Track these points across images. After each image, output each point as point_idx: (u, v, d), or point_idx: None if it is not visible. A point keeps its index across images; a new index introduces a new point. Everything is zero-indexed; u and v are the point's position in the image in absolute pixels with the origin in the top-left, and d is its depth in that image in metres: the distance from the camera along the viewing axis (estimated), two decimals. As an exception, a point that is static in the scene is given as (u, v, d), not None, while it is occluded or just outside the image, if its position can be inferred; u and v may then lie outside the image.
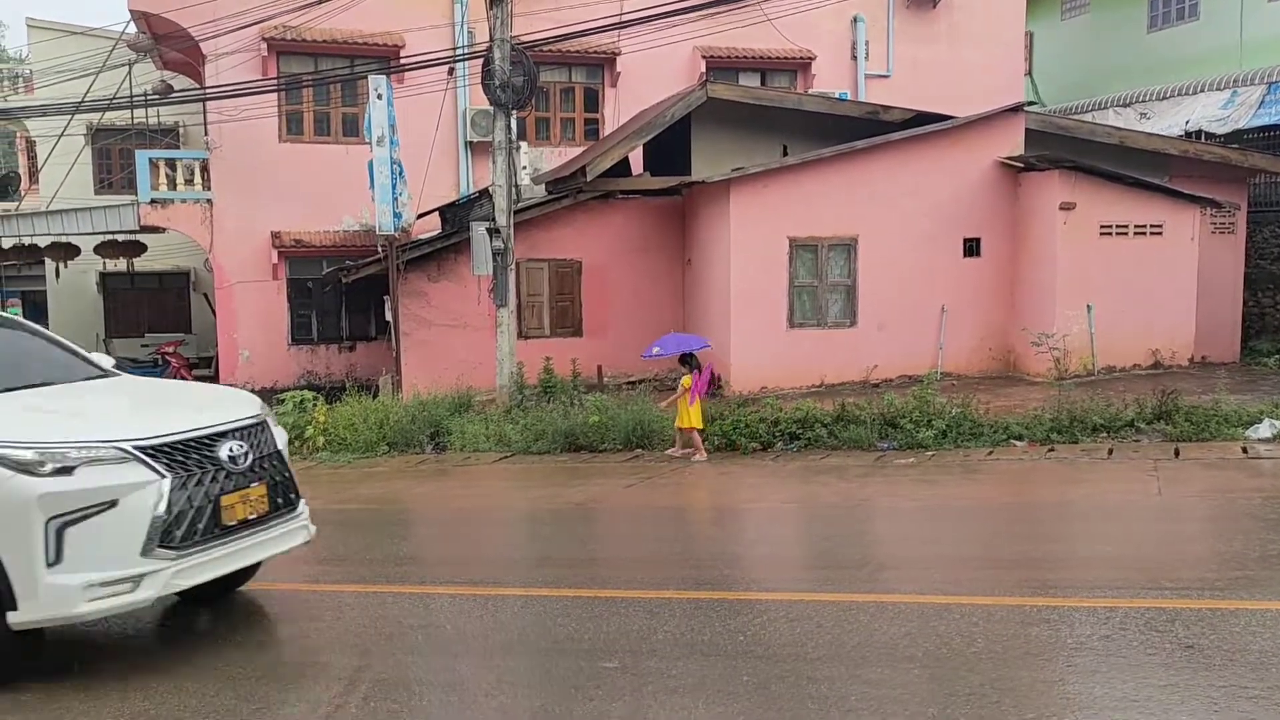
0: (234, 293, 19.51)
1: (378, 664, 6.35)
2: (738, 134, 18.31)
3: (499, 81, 15.38)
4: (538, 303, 18.05)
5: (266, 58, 19.14)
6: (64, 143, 21.22)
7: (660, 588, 7.52)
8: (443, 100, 19.11)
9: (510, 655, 6.36)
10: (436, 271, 17.57)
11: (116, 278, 25.61)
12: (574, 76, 21.29)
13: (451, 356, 17.05)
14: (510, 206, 15.85)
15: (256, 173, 19.26)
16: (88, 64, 19.87)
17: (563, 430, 14.17)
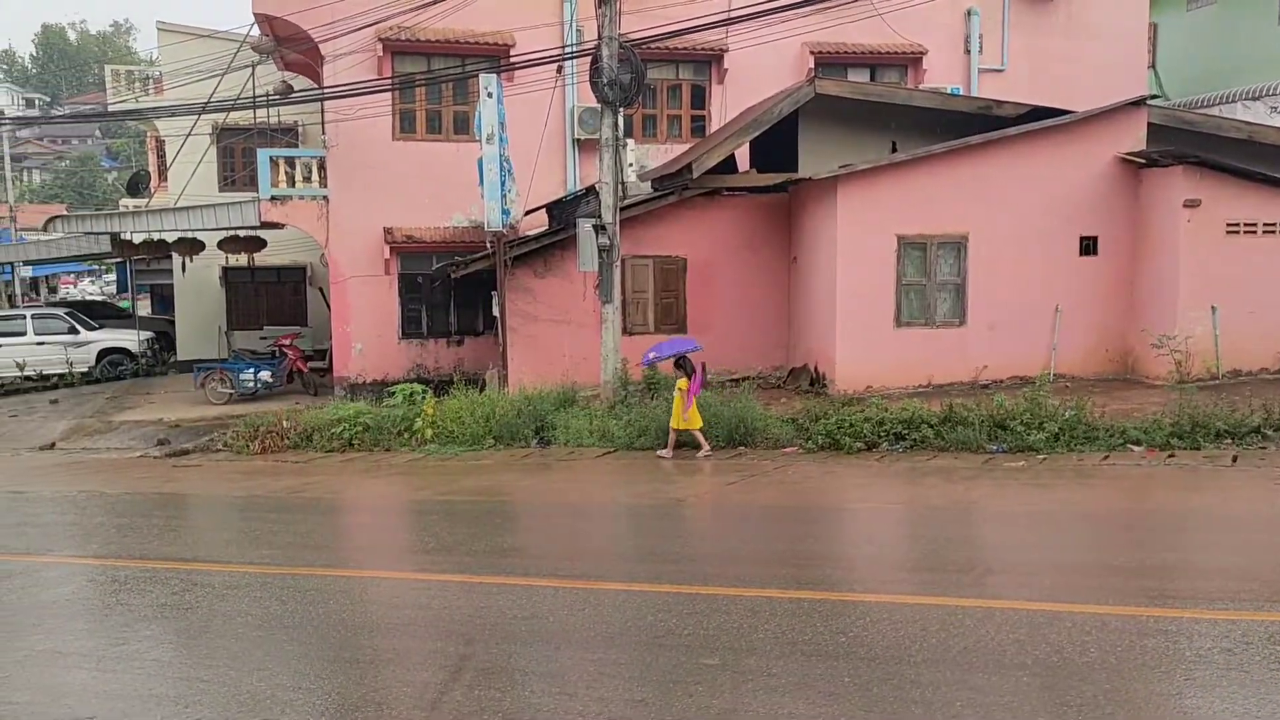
0: (348, 287, 20.02)
1: (482, 652, 6.46)
2: (845, 130, 18.09)
3: (607, 79, 15.47)
4: (642, 299, 18.11)
5: (382, 58, 19.58)
6: (191, 142, 22.05)
7: (762, 586, 7.49)
8: (551, 98, 19.30)
9: (611, 648, 6.41)
10: (543, 267, 17.76)
11: (238, 272, 26.51)
12: (681, 73, 21.29)
13: (557, 352, 17.22)
14: (616, 203, 15.93)
15: (370, 170, 19.72)
16: (214, 66, 20.60)
17: (666, 427, 14.20)
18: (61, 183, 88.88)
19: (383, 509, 12.56)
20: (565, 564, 8.61)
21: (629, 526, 10.67)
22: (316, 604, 7.81)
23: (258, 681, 6.17)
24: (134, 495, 13.25)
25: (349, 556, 10.03)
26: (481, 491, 12.41)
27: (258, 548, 9.85)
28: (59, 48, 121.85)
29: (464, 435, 15.21)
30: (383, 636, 7.07)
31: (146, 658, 6.94)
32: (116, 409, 20.71)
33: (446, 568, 8.61)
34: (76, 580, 9.05)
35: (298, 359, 21.75)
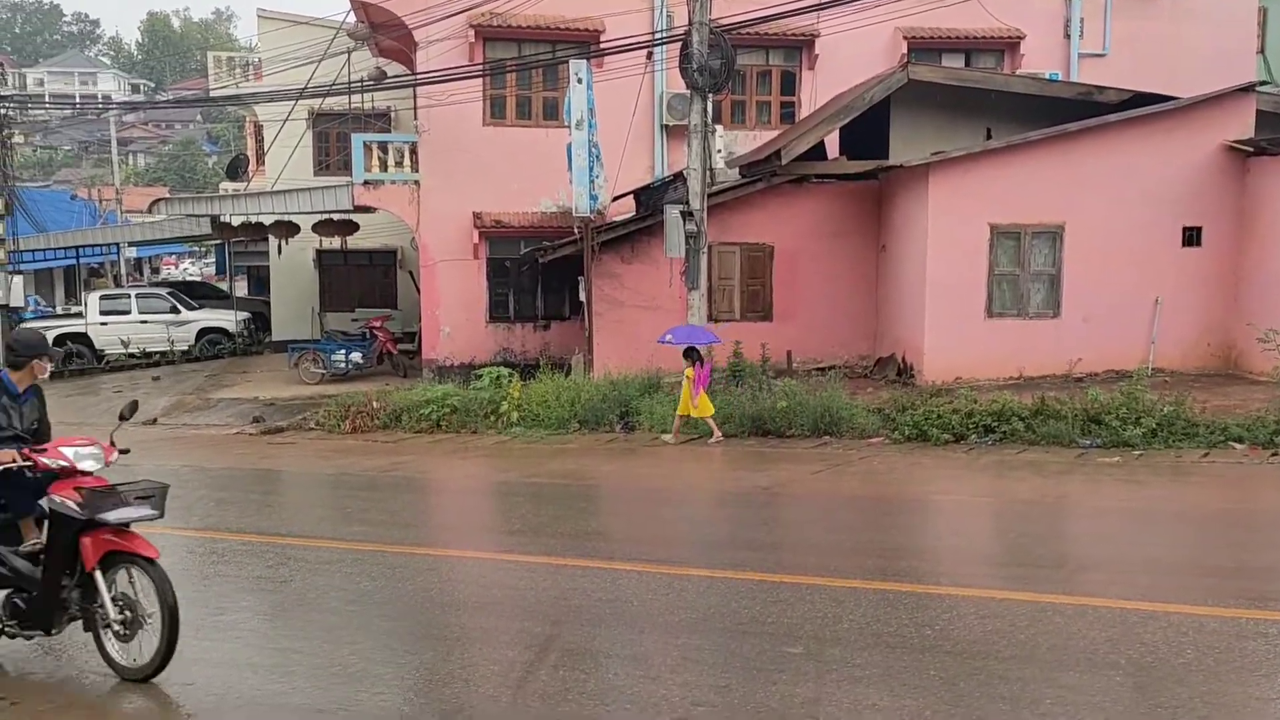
0: (437, 271, 20.31)
1: (567, 634, 6.54)
2: (939, 117, 17.78)
3: (696, 65, 15.43)
4: (728, 286, 18.06)
5: (474, 44, 19.78)
6: (288, 127, 22.56)
7: (847, 576, 7.45)
8: (640, 84, 19.31)
9: (694, 634, 6.44)
10: (630, 253, 17.82)
11: (331, 255, 27.06)
12: (771, 59, 21.13)
13: (642, 337, 17.26)
14: (704, 190, 15.90)
15: (461, 155, 19.96)
16: (311, 52, 21.02)
17: (750, 414, 14.18)
18: (165, 166, 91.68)
19: (469, 490, 12.75)
20: (649, 549, 8.65)
21: (712, 513, 10.68)
22: (406, 581, 7.97)
23: (349, 654, 6.33)
24: (231, 470, 13.65)
25: (437, 535, 10.22)
26: (566, 475, 12.53)
27: (349, 524, 10.09)
28: (163, 35, 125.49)
29: (549, 419, 15.36)
30: (470, 614, 7.20)
31: (244, 628, 7.17)
32: (215, 386, 21.32)
33: (532, 549, 8.72)
34: (178, 551, 9.35)
35: (387, 341, 22.14)
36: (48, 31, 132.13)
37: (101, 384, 22.90)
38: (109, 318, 25.63)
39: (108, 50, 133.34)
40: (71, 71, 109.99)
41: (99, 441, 6.49)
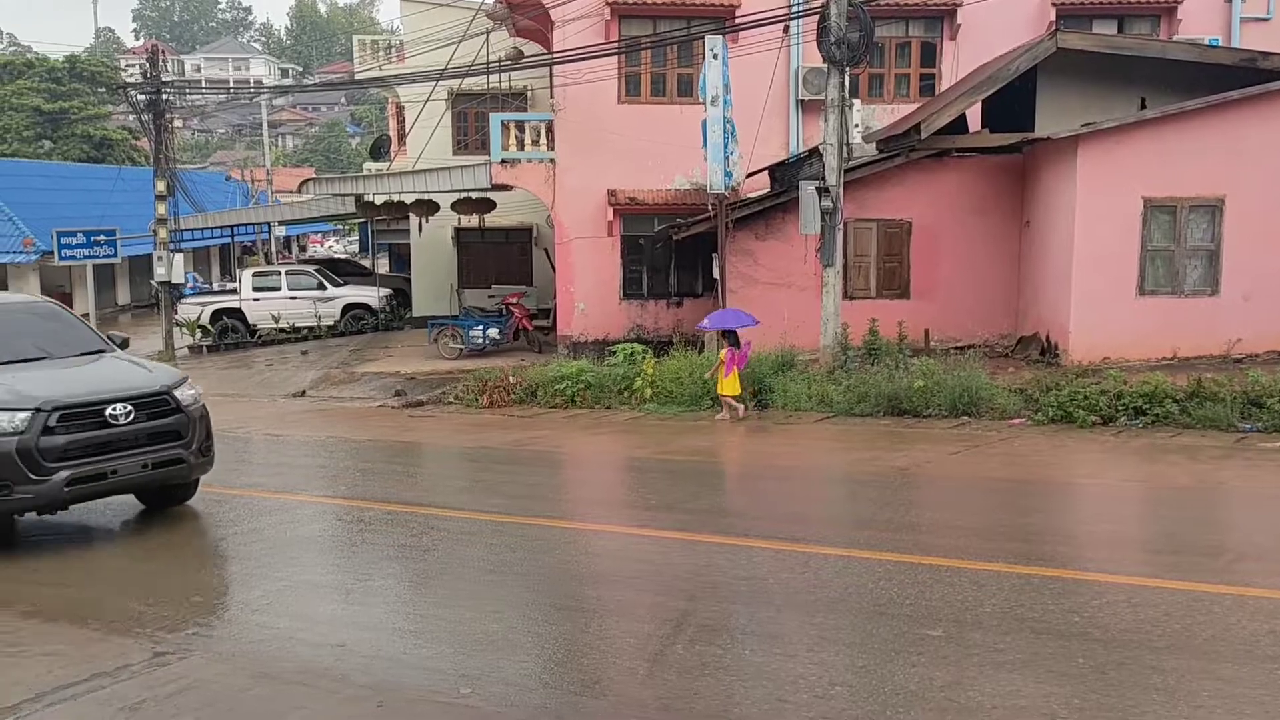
0: (572, 248, 20.54)
1: (703, 609, 6.57)
2: (1088, 87, 17.08)
3: (834, 38, 15.17)
4: (864, 263, 17.78)
5: (609, 22, 19.87)
6: (428, 107, 23.08)
7: (987, 559, 7.28)
8: (776, 59, 19.10)
9: (831, 613, 6.40)
10: (764, 230, 17.69)
11: (469, 232, 27.62)
12: (911, 30, 20.63)
13: (775, 315, 17.15)
14: (840, 165, 15.67)
15: (596, 133, 20.10)
16: (451, 34, 21.43)
17: (886, 393, 13.95)
18: (311, 148, 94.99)
19: (604, 465, 12.91)
20: (784, 527, 8.61)
21: (848, 492, 10.57)
22: (544, 553, 8.13)
23: (491, 623, 6.50)
24: (375, 442, 14.11)
25: (574, 509, 10.38)
26: (700, 451, 12.56)
27: (489, 496, 10.32)
28: (310, 20, 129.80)
29: (682, 395, 15.41)
30: (606, 587, 7.30)
31: (389, 594, 7.43)
32: (358, 361, 22.05)
33: (667, 525, 8.77)
34: (327, 519, 9.75)
35: (523, 317, 22.52)
36: (204, 19, 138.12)
37: (254, 358, 23.94)
38: (261, 294, 26.71)
39: (259, 36, 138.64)
40: (225, 58, 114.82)
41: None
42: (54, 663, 6.03)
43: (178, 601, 7.36)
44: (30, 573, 8.12)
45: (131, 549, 8.84)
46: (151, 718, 5.27)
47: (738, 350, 14.49)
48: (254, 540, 8.89)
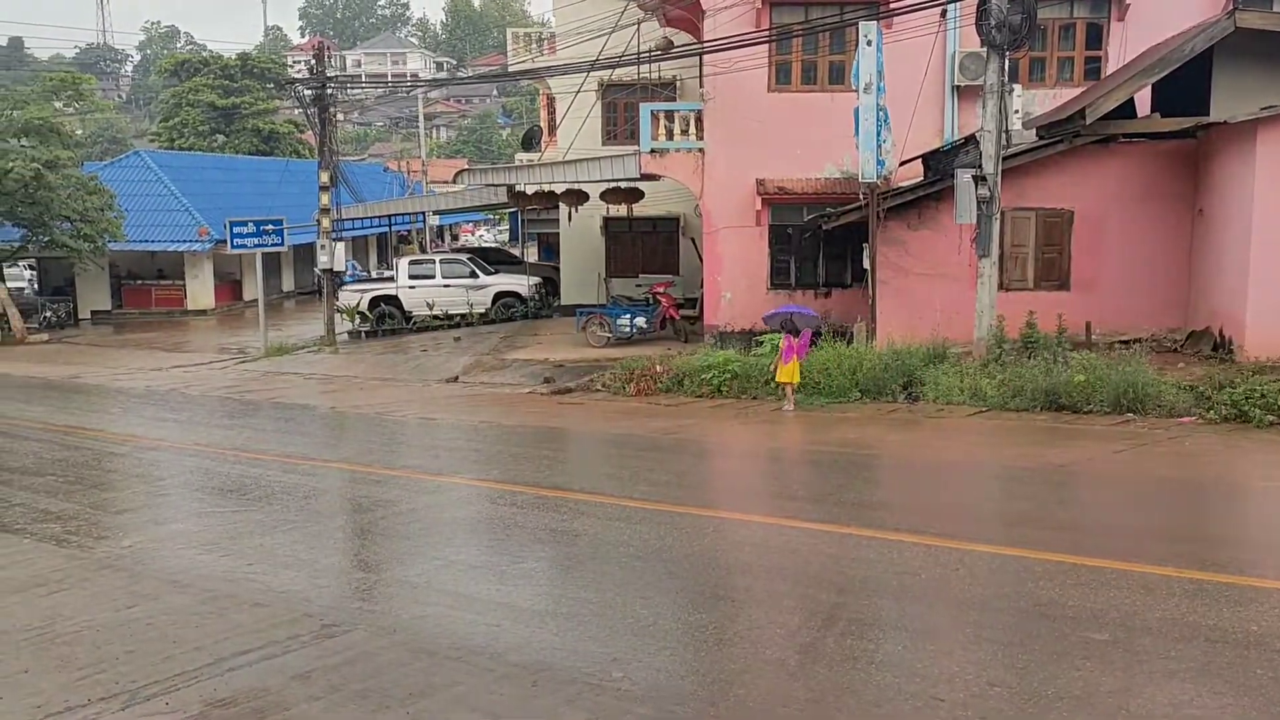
0: (719, 238, 20.48)
1: (853, 603, 6.49)
2: (1270, 69, 16.07)
3: (994, 21, 14.70)
4: (1022, 253, 17.19)
5: (760, 10, 19.69)
6: (579, 98, 23.35)
7: (1157, 563, 6.97)
8: (932, 44, 18.61)
9: (987, 611, 6.23)
10: (917, 219, 17.29)
11: (617, 222, 27.84)
12: (1075, 11, 19.81)
13: (928, 306, 16.76)
14: (998, 153, 15.18)
15: (745, 122, 19.97)
16: (602, 25, 21.61)
17: (1044, 388, 13.48)
18: (463, 139, 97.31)
19: (751, 454, 12.86)
20: (936, 522, 8.42)
21: (1003, 489, 10.27)
22: (691, 540, 8.16)
23: (640, 608, 6.56)
24: (525, 428, 14.40)
25: (720, 498, 10.39)
26: (847, 444, 12.39)
27: (636, 483, 10.41)
28: (465, 14, 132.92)
29: (830, 387, 15.21)
30: (754, 577, 7.28)
31: (541, 576, 7.58)
32: (508, 348, 22.52)
33: (815, 516, 8.69)
34: (480, 501, 10.01)
35: (670, 306, 22.59)
36: (365, 16, 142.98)
37: (409, 343, 24.70)
38: (416, 282, 27.51)
39: (416, 31, 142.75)
40: (384, 53, 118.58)
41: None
42: (233, 632, 6.36)
43: (342, 578, 7.68)
44: (203, 548, 8.57)
45: (300, 527, 9.24)
46: (321, 687, 5.50)
47: (796, 339, 14.92)
48: (411, 520, 9.19)
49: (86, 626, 6.54)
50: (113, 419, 16.90)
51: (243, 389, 19.49)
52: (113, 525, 9.42)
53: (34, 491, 10.76)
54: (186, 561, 8.03)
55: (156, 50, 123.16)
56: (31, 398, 19.47)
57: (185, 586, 7.32)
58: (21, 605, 7.02)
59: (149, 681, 5.62)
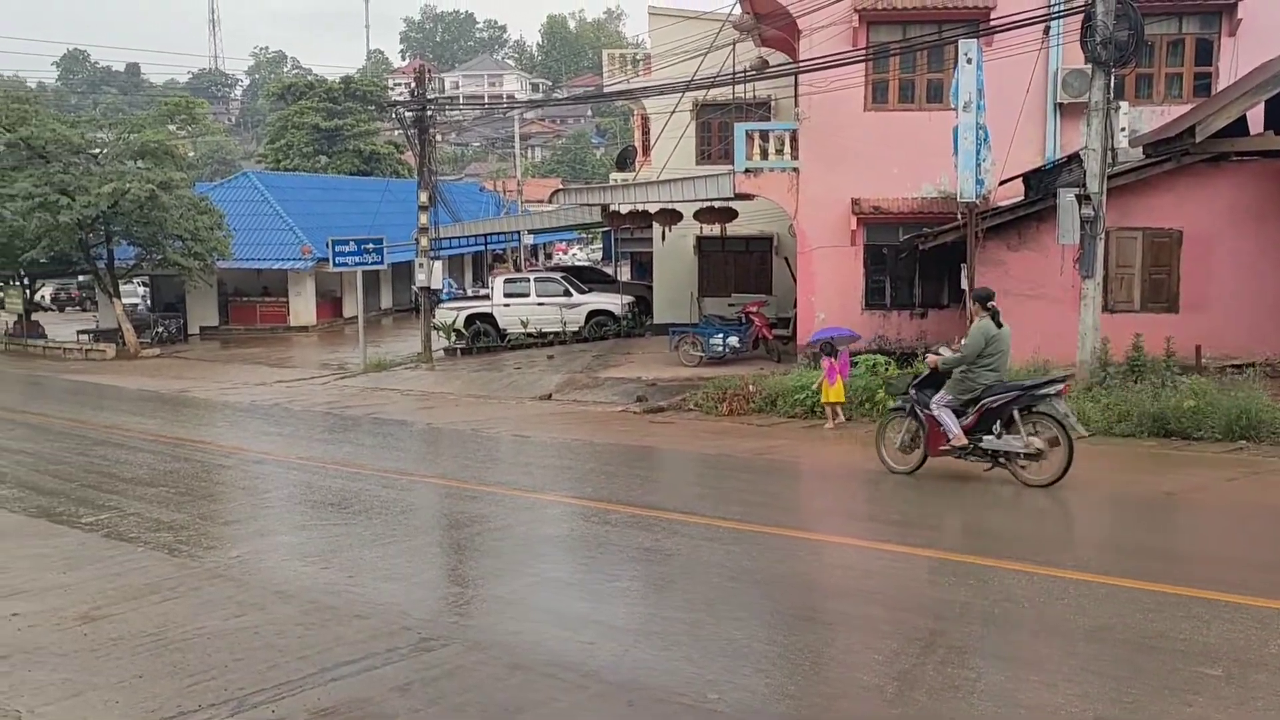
0: (814, 257, 20.36)
1: (952, 630, 6.37)
2: (1393, 82, 15.46)
3: (1100, 37, 14.39)
4: (1127, 275, 16.75)
5: (857, 29, 19.58)
6: (673, 118, 23.47)
7: (1273, 596, 6.70)
8: (1034, 61, 18.29)
9: (1093, 643, 6.06)
10: (1017, 240, 16.97)
11: (710, 241, 27.87)
12: (1185, 27, 19.28)
13: (1028, 327, 16.35)
14: (1103, 172, 14.84)
15: (840, 141, 19.85)
16: (698, 46, 21.73)
17: (1151, 413, 13.09)
18: (558, 158, 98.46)
19: (845, 476, 12.71)
20: (1039, 549, 8.23)
21: (1108, 516, 9.98)
22: (784, 562, 8.11)
23: (734, 630, 6.53)
24: (617, 446, 14.46)
25: (813, 520, 10.30)
26: (942, 465, 12.15)
27: (728, 504, 10.36)
28: (560, 35, 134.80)
29: (926, 409, 14.97)
30: (849, 601, 7.20)
31: (634, 595, 7.60)
32: (601, 366, 22.66)
33: (911, 540, 8.56)
34: (574, 519, 10.07)
35: (763, 326, 22.52)
36: (463, 39, 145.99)
37: (504, 361, 25.02)
38: (511, 300, 27.89)
39: (512, 53, 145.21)
40: (481, 74, 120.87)
41: None
42: (335, 642, 6.50)
43: (439, 593, 7.80)
44: (305, 560, 8.78)
45: (398, 542, 9.41)
46: (420, 699, 5.59)
47: (835, 360, 15.38)
48: (505, 537, 9.30)
49: (196, 634, 6.75)
50: (219, 432, 17.43)
51: (342, 404, 19.94)
52: (221, 536, 9.72)
53: (147, 502, 11.15)
54: (290, 572, 8.24)
55: (265, 75, 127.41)
56: (144, 410, 20.20)
57: (290, 597, 7.51)
58: (136, 612, 7.27)
59: (256, 689, 5.77)
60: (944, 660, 5.84)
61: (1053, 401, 10.32)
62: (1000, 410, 10.45)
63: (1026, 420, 10.38)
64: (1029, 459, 10.36)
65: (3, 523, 10.47)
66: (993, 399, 10.44)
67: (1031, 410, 10.36)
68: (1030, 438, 10.32)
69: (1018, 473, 10.45)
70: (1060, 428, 10.20)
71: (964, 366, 10.62)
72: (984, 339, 10.51)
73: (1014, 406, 10.38)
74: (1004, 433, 10.46)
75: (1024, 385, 10.59)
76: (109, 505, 10.98)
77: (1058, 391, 10.42)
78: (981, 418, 10.56)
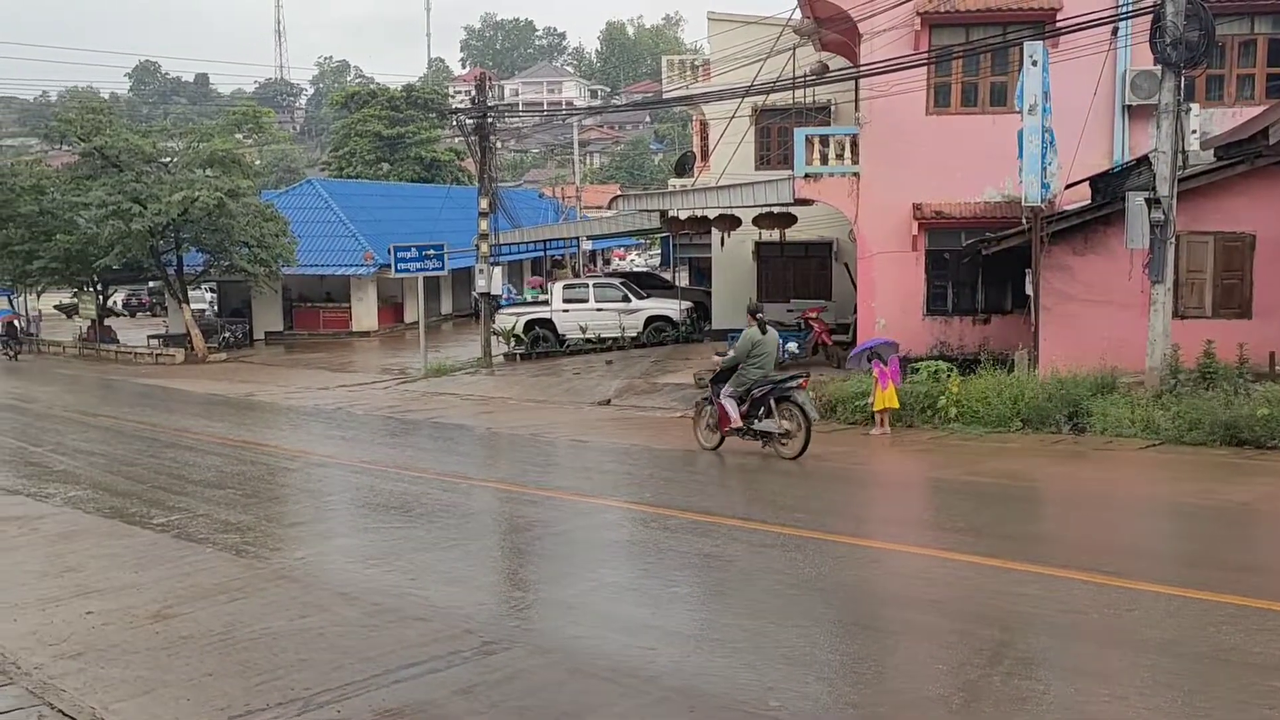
0: (874, 263, 20.17)
1: (1018, 641, 6.28)
2: None
3: (1170, 38, 14.11)
4: (1198, 280, 16.38)
5: (919, 32, 19.38)
6: (732, 124, 23.43)
7: (1352, 611, 6.52)
8: (1103, 63, 17.97)
9: (1164, 656, 5.93)
10: (1083, 244, 16.68)
11: (769, 246, 27.75)
12: (1256, 27, 18.82)
13: (1094, 334, 16.11)
14: (1174, 175, 14.54)
15: (901, 146, 19.65)
16: (757, 51, 21.65)
17: (1223, 421, 12.79)
18: (616, 164, 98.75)
19: (906, 483, 12.62)
20: (1105, 560, 8.06)
21: (1178, 526, 9.77)
22: (846, 570, 8.05)
23: (795, 637, 6.49)
24: (676, 451, 14.44)
25: (875, 528, 10.20)
26: (1009, 475, 12.00)
27: (789, 511, 10.30)
28: (619, 42, 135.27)
29: (989, 416, 14.79)
30: (912, 610, 7.12)
31: (694, 601, 7.60)
32: (660, 372, 22.67)
33: (975, 549, 8.44)
34: (633, 524, 10.08)
35: (823, 332, 22.37)
36: (522, 46, 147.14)
37: (563, 366, 25.13)
38: (570, 305, 28.02)
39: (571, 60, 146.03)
40: (541, 81, 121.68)
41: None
42: (398, 645, 6.57)
43: (500, 596, 7.86)
44: (368, 562, 8.89)
45: (459, 545, 9.49)
46: (482, 703, 5.63)
47: (885, 365, 15.25)
48: (566, 541, 9.34)
49: (264, 634, 6.86)
50: (284, 435, 17.72)
51: (403, 408, 20.17)
52: (286, 537, 9.88)
53: (215, 504, 11.37)
54: (354, 575, 8.34)
55: (329, 84, 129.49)
56: (211, 414, 20.60)
57: (354, 599, 7.61)
58: (205, 611, 7.41)
59: (321, 689, 5.86)
60: (1010, 672, 5.76)
61: (795, 394, 12.91)
62: (763, 400, 13.01)
63: (780, 407, 12.93)
64: (783, 437, 12.89)
65: (78, 523, 10.74)
66: (758, 391, 13.03)
67: (783, 400, 12.92)
68: (782, 421, 12.93)
69: (778, 449, 12.97)
70: (802, 414, 12.76)
71: (737, 365, 13.19)
72: (750, 343, 13.17)
73: (771, 397, 12.98)
74: (764, 417, 13.01)
75: (776, 380, 13.12)
76: (179, 506, 11.22)
77: (799, 385, 13.03)
78: (751, 405, 13.11)
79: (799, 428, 12.82)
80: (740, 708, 5.43)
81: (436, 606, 7.36)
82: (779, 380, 13.15)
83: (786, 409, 12.98)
